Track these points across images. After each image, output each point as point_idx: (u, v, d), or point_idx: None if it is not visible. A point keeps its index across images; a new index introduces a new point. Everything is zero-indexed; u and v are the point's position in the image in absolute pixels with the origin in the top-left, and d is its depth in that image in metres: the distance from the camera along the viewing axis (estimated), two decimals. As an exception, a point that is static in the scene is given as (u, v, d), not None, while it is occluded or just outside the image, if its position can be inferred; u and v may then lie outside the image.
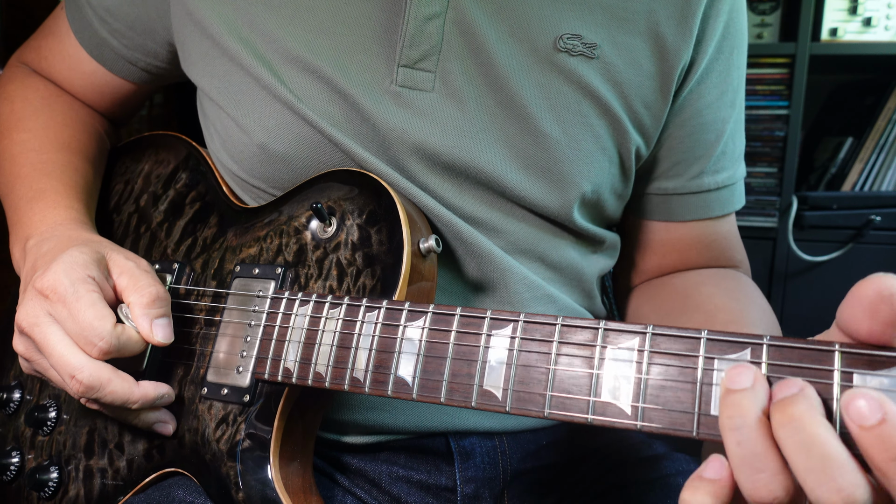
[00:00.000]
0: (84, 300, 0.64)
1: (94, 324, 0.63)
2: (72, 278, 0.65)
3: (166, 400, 0.69)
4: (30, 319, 0.66)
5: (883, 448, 0.38)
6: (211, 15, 0.77)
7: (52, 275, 0.65)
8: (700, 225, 0.88)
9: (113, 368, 0.65)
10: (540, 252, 0.80)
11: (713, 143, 0.83)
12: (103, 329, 0.64)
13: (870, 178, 1.94)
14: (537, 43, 0.73)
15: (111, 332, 0.64)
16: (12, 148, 0.87)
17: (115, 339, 0.64)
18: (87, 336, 0.63)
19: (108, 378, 0.64)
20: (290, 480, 0.66)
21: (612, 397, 0.50)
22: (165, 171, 0.88)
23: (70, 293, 0.64)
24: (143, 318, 0.67)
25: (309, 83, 0.74)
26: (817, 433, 0.40)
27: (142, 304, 0.67)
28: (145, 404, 0.67)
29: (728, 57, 0.80)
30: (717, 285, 0.84)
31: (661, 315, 0.86)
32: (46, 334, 0.65)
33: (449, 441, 0.80)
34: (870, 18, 1.89)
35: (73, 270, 0.66)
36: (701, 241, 0.89)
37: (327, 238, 0.71)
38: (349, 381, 0.61)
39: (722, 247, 0.90)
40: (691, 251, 0.89)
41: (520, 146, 0.74)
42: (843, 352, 0.43)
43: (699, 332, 0.48)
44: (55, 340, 0.64)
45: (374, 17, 0.75)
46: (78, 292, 0.64)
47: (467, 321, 0.57)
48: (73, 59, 0.93)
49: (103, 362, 0.65)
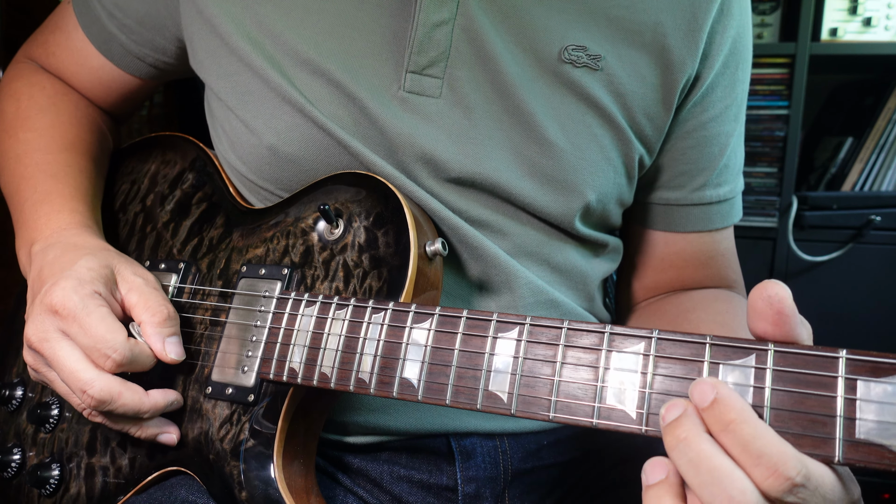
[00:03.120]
0: (94, 315, 0.65)
1: (106, 336, 0.64)
2: (80, 294, 0.66)
3: (175, 406, 0.70)
4: (39, 335, 0.66)
5: (716, 421, 0.43)
6: (220, 13, 0.77)
7: (60, 291, 0.66)
8: (699, 238, 0.88)
9: (123, 381, 0.66)
10: (545, 255, 0.80)
11: (717, 156, 0.84)
12: (116, 341, 0.65)
13: (870, 178, 1.94)
14: (542, 53, 0.74)
15: (124, 345, 0.65)
16: (18, 147, 0.87)
17: (129, 350, 0.65)
18: (101, 349, 0.64)
19: (118, 391, 0.65)
20: (292, 480, 0.66)
21: (618, 402, 0.50)
22: (172, 172, 0.88)
23: (80, 309, 0.65)
24: (155, 336, 0.68)
25: (318, 86, 0.74)
26: (702, 449, 0.43)
27: (154, 322, 0.68)
28: (156, 413, 0.68)
29: (734, 72, 0.81)
30: (706, 310, 0.85)
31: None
32: (56, 350, 0.66)
33: (450, 441, 0.80)
34: (870, 18, 1.89)
35: (80, 286, 0.67)
36: (698, 257, 0.89)
37: (334, 240, 0.71)
38: (354, 382, 0.61)
39: (718, 264, 0.90)
40: (688, 267, 0.90)
41: (526, 154, 0.75)
42: (848, 359, 0.44)
43: (704, 338, 0.49)
44: (65, 355, 0.65)
45: (383, 23, 0.75)
46: (88, 307, 0.65)
47: (473, 324, 0.58)
48: (81, 54, 0.93)
49: (113, 376, 0.65)
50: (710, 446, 0.43)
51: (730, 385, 0.47)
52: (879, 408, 0.42)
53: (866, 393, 0.43)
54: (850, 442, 0.43)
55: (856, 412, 0.43)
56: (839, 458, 0.43)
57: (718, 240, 0.89)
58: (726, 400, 0.43)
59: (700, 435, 0.43)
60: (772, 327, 0.45)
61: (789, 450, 0.41)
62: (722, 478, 0.41)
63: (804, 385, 0.45)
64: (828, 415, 0.43)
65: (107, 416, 0.67)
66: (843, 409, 0.43)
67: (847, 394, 0.43)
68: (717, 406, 0.43)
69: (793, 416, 0.45)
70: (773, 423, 0.45)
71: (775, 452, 0.41)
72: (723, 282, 0.91)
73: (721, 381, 0.44)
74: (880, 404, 0.42)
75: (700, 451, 0.43)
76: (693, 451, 0.43)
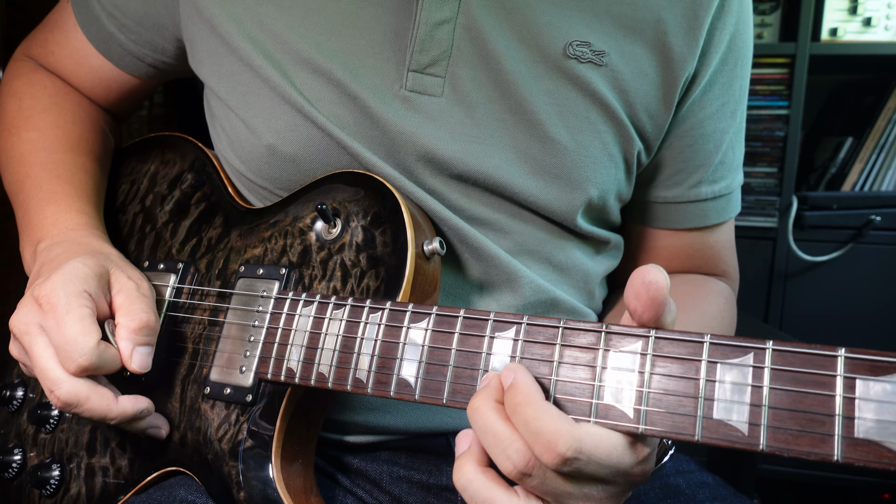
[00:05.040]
0: (73, 314, 0.65)
1: (77, 339, 0.64)
2: (67, 291, 0.66)
3: (146, 414, 0.69)
4: (21, 327, 0.67)
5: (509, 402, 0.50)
6: (220, 13, 0.77)
7: (49, 284, 0.66)
8: (693, 234, 0.89)
9: (92, 384, 0.65)
10: (546, 253, 0.80)
11: (712, 153, 0.83)
12: (85, 346, 0.64)
13: (870, 178, 1.94)
14: (547, 49, 0.74)
15: (93, 350, 0.64)
16: (21, 146, 0.86)
17: (97, 357, 0.64)
18: (68, 351, 0.64)
19: (85, 396, 0.64)
20: (291, 481, 0.66)
21: (615, 400, 0.50)
22: (171, 172, 0.88)
23: (62, 305, 0.65)
24: (126, 341, 0.67)
25: (318, 85, 0.74)
26: (488, 416, 0.50)
27: (129, 327, 0.68)
28: (123, 420, 0.67)
29: (732, 69, 0.80)
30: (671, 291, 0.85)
31: (614, 319, 0.87)
32: (32, 344, 0.66)
33: (450, 441, 0.80)
34: (870, 18, 1.90)
35: (70, 283, 0.66)
36: (687, 251, 0.90)
37: (332, 239, 0.71)
38: (352, 381, 0.61)
39: (706, 256, 0.90)
40: (675, 259, 0.90)
41: (528, 152, 0.75)
42: (847, 357, 0.43)
43: (702, 337, 0.48)
44: (38, 351, 0.65)
45: (384, 21, 0.75)
46: (70, 305, 0.65)
47: (470, 323, 0.58)
48: (80, 53, 0.93)
49: (83, 379, 0.65)
50: (493, 415, 0.50)
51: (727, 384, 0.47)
52: (878, 406, 0.42)
53: (865, 392, 0.42)
54: (848, 441, 0.42)
55: (855, 411, 0.43)
56: (838, 457, 0.43)
57: (715, 234, 0.89)
58: (517, 385, 0.51)
59: (489, 404, 0.51)
60: (642, 307, 0.49)
61: (563, 427, 0.48)
62: (502, 440, 0.49)
63: (803, 384, 0.44)
64: (826, 413, 0.43)
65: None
66: (842, 407, 0.43)
67: (846, 392, 0.43)
68: (511, 389, 0.51)
69: (791, 414, 0.44)
70: (771, 421, 0.45)
71: (549, 430, 0.47)
72: (712, 270, 0.92)
73: (521, 367, 0.52)
74: (879, 403, 0.42)
75: (486, 418, 0.50)
76: (482, 418, 0.51)
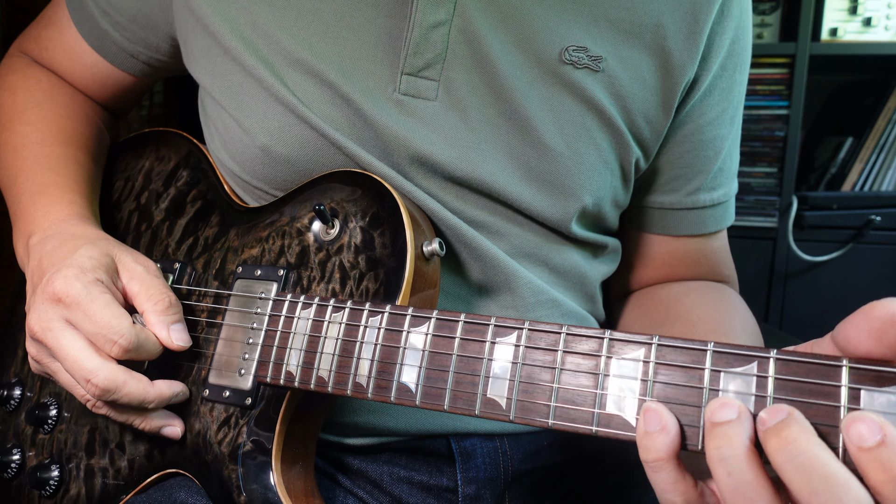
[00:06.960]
0: (99, 301, 0.65)
1: (112, 322, 0.64)
2: (83, 282, 0.65)
3: (181, 398, 0.69)
4: (42, 324, 0.66)
5: (881, 469, 0.38)
6: (213, 13, 0.77)
7: (62, 280, 0.65)
8: (693, 240, 0.89)
9: (127, 370, 0.65)
10: (543, 256, 0.79)
11: (711, 160, 0.83)
12: (122, 326, 0.64)
13: (870, 178, 1.94)
14: (542, 54, 0.73)
15: (130, 330, 0.64)
16: (14, 140, 0.86)
17: (135, 336, 0.65)
18: (107, 334, 0.64)
19: (123, 380, 0.64)
20: (291, 484, 0.66)
21: (618, 409, 0.50)
22: (166, 169, 0.87)
23: (84, 295, 0.65)
24: (159, 325, 0.68)
25: (312, 86, 0.74)
26: (815, 454, 0.40)
27: (156, 311, 0.68)
28: (161, 404, 0.67)
29: (731, 74, 0.80)
30: (701, 296, 0.85)
31: (645, 325, 0.87)
32: (59, 339, 0.65)
33: (450, 442, 0.80)
34: (870, 18, 1.89)
35: (83, 274, 0.66)
36: (691, 256, 0.90)
37: (330, 240, 0.70)
38: (352, 386, 0.61)
39: (711, 262, 0.91)
40: (681, 265, 0.90)
41: (522, 158, 0.74)
42: (851, 367, 0.43)
43: (705, 345, 0.48)
44: (68, 344, 0.64)
45: (378, 23, 0.74)
46: (91, 294, 0.65)
47: (471, 328, 0.57)
48: (74, 50, 0.92)
49: (118, 364, 0.65)
50: (823, 451, 0.40)
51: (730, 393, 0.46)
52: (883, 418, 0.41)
53: (870, 403, 0.42)
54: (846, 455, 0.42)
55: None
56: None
57: (712, 241, 0.90)
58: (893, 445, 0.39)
59: (812, 438, 0.41)
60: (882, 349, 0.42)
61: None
62: (838, 485, 0.39)
63: (807, 394, 0.44)
64: (831, 425, 0.43)
65: (112, 406, 0.66)
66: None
67: (850, 403, 0.43)
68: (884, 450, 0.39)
69: (795, 424, 0.44)
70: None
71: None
72: (717, 277, 0.92)
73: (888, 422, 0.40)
74: (885, 414, 0.41)
75: (814, 456, 0.40)
76: (805, 454, 0.40)
